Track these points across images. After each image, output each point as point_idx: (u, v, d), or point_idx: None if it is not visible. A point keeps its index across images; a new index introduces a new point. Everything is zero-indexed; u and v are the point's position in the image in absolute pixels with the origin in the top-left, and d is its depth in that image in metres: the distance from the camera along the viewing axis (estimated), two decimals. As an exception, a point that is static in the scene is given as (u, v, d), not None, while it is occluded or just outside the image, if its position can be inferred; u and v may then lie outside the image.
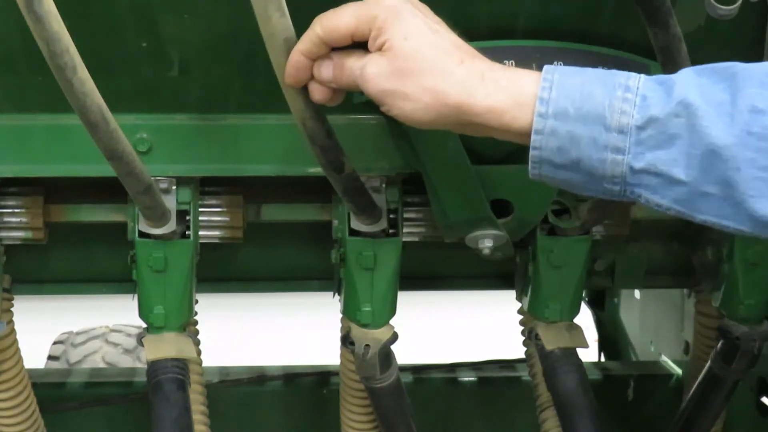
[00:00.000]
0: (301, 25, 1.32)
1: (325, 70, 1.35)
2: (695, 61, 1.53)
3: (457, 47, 1.31)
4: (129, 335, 4.03)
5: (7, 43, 1.56)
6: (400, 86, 1.29)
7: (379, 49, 1.30)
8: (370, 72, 1.30)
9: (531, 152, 1.27)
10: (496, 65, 1.30)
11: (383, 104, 1.32)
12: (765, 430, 2.49)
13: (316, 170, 1.74)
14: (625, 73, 1.25)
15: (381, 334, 1.87)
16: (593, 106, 1.23)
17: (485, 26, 1.57)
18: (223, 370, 2.64)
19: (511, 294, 2.11)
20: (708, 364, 2.09)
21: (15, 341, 1.99)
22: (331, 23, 1.31)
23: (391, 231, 1.82)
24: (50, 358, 4.01)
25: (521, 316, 2.10)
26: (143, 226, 1.76)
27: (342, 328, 1.94)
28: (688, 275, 2.23)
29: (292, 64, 1.34)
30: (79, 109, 1.33)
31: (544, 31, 1.56)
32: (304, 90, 1.37)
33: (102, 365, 3.87)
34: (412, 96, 1.29)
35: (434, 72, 1.28)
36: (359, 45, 1.33)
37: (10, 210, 1.87)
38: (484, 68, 1.29)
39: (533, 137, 1.26)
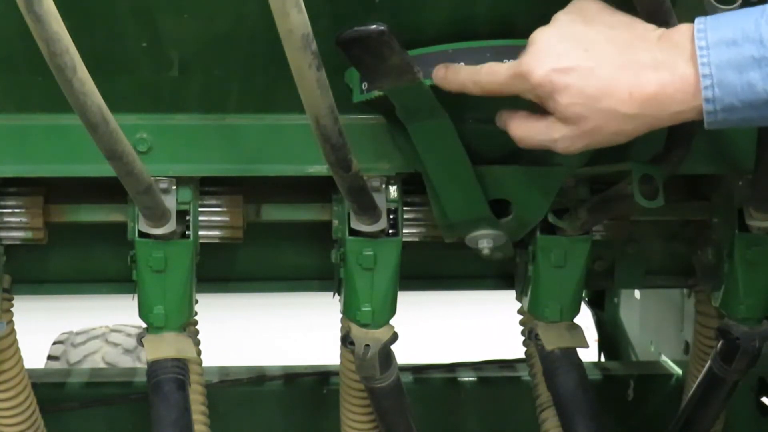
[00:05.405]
0: (313, 21, 1.32)
1: (514, 128, 1.51)
2: (695, 61, 1.53)
3: (622, 59, 1.39)
4: (129, 335, 4.04)
5: (7, 43, 1.56)
6: (591, 142, 1.45)
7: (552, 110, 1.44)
8: (561, 146, 1.46)
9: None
10: (651, 54, 1.38)
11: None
12: (765, 430, 2.49)
13: (316, 170, 1.74)
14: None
15: (381, 334, 1.87)
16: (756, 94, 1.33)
17: (485, 26, 1.57)
18: (223, 370, 2.64)
19: (511, 294, 2.11)
20: (708, 364, 2.09)
21: (15, 341, 1.99)
22: (487, 87, 1.48)
23: (391, 231, 1.82)
24: (50, 358, 4.01)
25: (521, 316, 2.10)
26: (143, 226, 1.76)
27: (342, 328, 1.94)
28: (688, 275, 2.23)
29: (457, 83, 1.50)
30: (79, 109, 1.33)
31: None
32: (323, 86, 1.38)
33: (102, 365, 3.87)
34: (607, 142, 1.45)
35: (614, 120, 1.40)
36: None
37: (10, 210, 1.87)
38: (646, 59, 1.37)
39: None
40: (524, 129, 1.50)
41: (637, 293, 2.97)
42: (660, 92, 1.36)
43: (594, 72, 1.39)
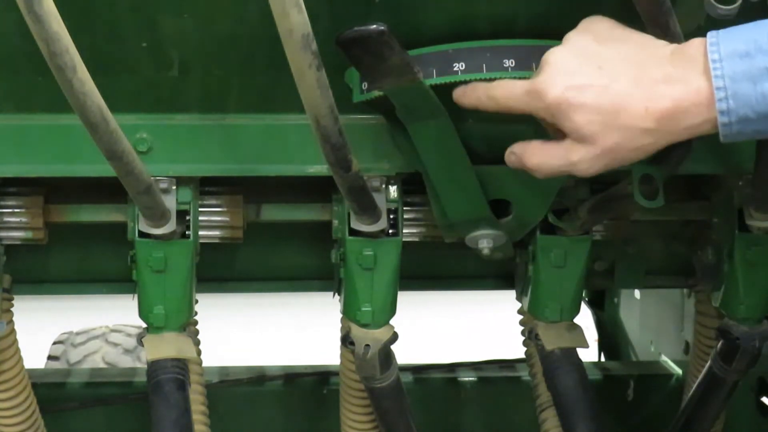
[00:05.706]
0: (313, 21, 1.32)
1: (530, 159, 1.50)
2: (695, 61, 1.53)
3: (636, 75, 1.39)
4: (129, 335, 4.04)
5: (7, 43, 1.56)
6: (611, 161, 1.44)
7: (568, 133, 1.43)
8: (581, 168, 1.45)
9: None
10: (663, 71, 1.38)
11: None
12: (765, 431, 2.49)
13: (316, 170, 1.74)
14: None
15: (381, 334, 1.87)
16: None
17: (485, 26, 1.57)
18: (223, 370, 2.64)
19: (511, 294, 2.11)
20: (708, 364, 2.09)
21: (15, 341, 1.99)
22: (502, 102, 1.48)
23: (391, 231, 1.82)
24: (50, 358, 4.01)
25: (521, 316, 2.10)
26: (143, 226, 1.76)
27: (342, 328, 1.94)
28: (688, 275, 2.23)
29: (474, 97, 1.50)
30: (79, 109, 1.33)
31: (544, 30, 1.56)
32: (323, 86, 1.37)
33: (102, 365, 3.87)
34: (626, 160, 1.44)
35: (631, 136, 1.40)
36: None
37: (10, 210, 1.87)
38: (659, 75, 1.38)
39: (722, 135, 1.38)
40: (541, 157, 1.49)
41: (637, 293, 2.97)
42: (675, 106, 1.36)
43: (609, 88, 1.39)
